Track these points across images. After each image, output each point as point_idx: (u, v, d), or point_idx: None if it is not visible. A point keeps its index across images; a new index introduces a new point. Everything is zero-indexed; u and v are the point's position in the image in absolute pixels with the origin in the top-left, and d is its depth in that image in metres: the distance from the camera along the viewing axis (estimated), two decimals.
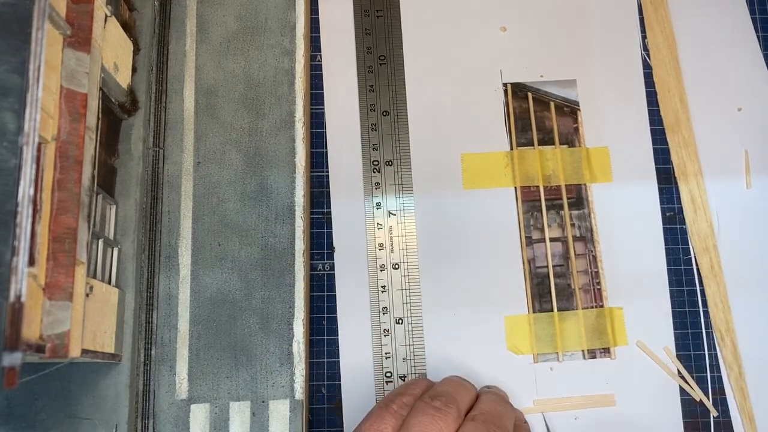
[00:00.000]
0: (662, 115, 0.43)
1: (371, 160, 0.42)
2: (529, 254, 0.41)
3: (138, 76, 0.37)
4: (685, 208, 0.42)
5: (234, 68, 0.39)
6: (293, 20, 0.40)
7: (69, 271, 0.26)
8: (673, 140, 0.43)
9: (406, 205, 0.41)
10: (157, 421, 0.34)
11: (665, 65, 0.44)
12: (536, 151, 0.42)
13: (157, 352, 0.35)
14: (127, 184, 0.35)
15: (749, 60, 0.45)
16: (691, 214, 0.42)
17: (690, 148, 0.43)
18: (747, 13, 0.46)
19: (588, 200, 0.42)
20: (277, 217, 0.37)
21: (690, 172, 0.42)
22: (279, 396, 0.35)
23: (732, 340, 0.40)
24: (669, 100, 0.43)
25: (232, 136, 0.38)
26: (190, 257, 0.36)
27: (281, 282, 0.36)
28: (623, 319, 0.40)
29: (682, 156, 0.43)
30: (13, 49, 0.23)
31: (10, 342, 0.21)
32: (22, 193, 0.22)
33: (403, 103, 0.43)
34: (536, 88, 0.44)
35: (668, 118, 0.43)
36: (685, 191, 0.42)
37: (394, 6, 0.44)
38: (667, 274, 0.41)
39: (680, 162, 0.43)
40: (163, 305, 0.36)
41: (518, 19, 0.45)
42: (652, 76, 0.44)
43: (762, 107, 0.44)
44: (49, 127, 0.26)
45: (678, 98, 0.43)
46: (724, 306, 0.41)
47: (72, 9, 0.28)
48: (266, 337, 0.36)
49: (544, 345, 0.40)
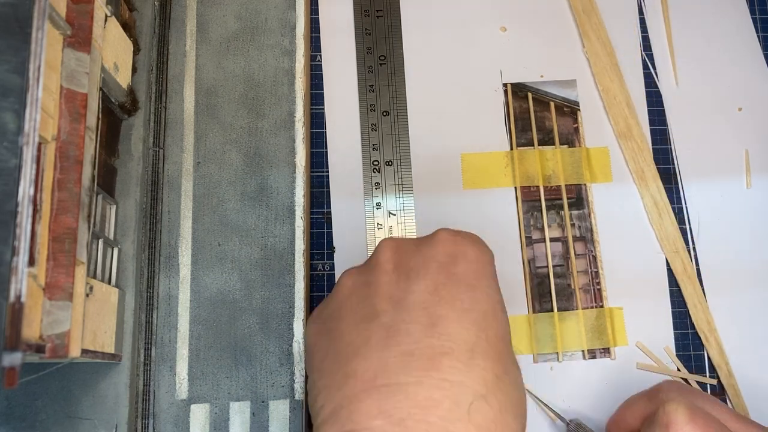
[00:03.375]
0: (612, 124, 0.43)
1: (371, 160, 0.42)
2: (529, 254, 0.41)
3: (138, 76, 0.37)
4: (650, 213, 0.42)
5: (234, 68, 0.39)
6: (293, 20, 0.40)
7: (69, 271, 0.26)
8: (627, 147, 0.42)
9: (406, 205, 0.41)
10: (157, 421, 0.34)
11: (607, 72, 0.43)
12: (536, 151, 0.42)
13: (157, 352, 0.35)
14: (127, 184, 0.35)
15: (749, 60, 0.45)
16: (657, 220, 0.42)
17: (644, 153, 0.42)
18: (747, 13, 0.46)
19: (588, 200, 0.42)
20: (277, 217, 0.37)
21: (649, 177, 0.42)
22: (279, 396, 0.35)
23: (716, 339, 0.40)
24: (616, 107, 0.43)
25: (232, 136, 0.38)
26: (190, 257, 0.36)
27: (281, 282, 0.36)
28: (623, 319, 0.40)
29: (639, 162, 0.42)
30: (13, 49, 0.23)
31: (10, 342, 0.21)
32: (22, 193, 0.22)
33: (403, 103, 0.43)
34: (536, 88, 0.44)
35: (619, 125, 0.43)
36: (647, 196, 0.42)
37: (394, 6, 0.44)
38: (667, 274, 0.41)
39: (638, 168, 0.42)
40: (163, 305, 0.36)
41: (518, 19, 0.45)
42: (652, 76, 0.44)
43: (762, 107, 0.44)
44: (49, 127, 0.26)
45: (625, 104, 0.43)
46: (703, 306, 0.40)
47: (72, 9, 0.28)
48: (266, 337, 0.36)
49: (544, 345, 0.40)
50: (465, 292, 0.27)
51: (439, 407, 0.24)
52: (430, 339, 0.26)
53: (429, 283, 0.27)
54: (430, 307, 0.27)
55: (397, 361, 0.26)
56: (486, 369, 0.26)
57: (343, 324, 0.28)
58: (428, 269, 0.28)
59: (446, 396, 0.25)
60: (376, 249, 0.30)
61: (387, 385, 0.25)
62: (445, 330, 0.26)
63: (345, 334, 0.28)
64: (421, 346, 0.26)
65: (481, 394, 0.25)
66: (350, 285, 0.30)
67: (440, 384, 0.25)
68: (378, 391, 0.25)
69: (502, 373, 0.26)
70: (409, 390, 0.25)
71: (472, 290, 0.28)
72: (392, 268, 0.29)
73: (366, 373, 0.26)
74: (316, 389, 0.28)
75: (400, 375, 0.25)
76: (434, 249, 0.29)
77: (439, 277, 0.28)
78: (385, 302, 0.28)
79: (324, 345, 0.29)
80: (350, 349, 0.27)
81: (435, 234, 0.30)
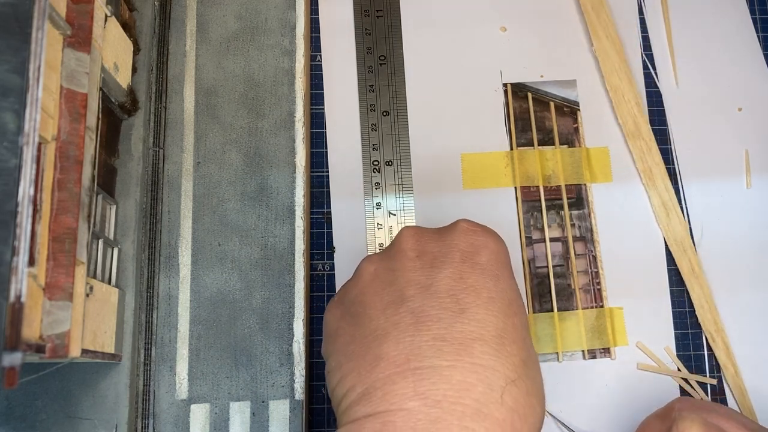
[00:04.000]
0: (621, 123, 0.43)
1: (371, 160, 0.42)
2: (529, 254, 0.41)
3: (138, 76, 0.37)
4: (658, 213, 0.42)
5: (234, 68, 0.39)
6: (293, 20, 0.40)
7: (69, 271, 0.26)
8: (636, 146, 0.42)
9: (406, 205, 0.41)
10: (157, 421, 0.34)
11: (616, 72, 0.43)
12: (536, 151, 0.42)
13: (157, 352, 0.35)
14: (127, 184, 0.35)
15: (749, 60, 0.45)
16: (664, 219, 0.42)
17: (653, 153, 0.42)
18: (747, 13, 0.46)
19: (588, 200, 0.42)
20: (277, 217, 0.37)
21: (657, 176, 0.42)
22: (279, 396, 0.35)
23: (723, 340, 0.40)
24: (625, 105, 0.43)
25: (232, 136, 0.38)
26: (190, 257, 0.36)
27: (281, 282, 0.36)
28: (623, 320, 0.40)
29: (648, 162, 0.42)
30: (13, 49, 0.23)
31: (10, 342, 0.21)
32: (22, 193, 0.22)
33: (403, 103, 0.43)
34: (536, 88, 0.44)
35: (627, 125, 0.43)
36: (655, 196, 0.42)
37: (394, 6, 0.44)
38: (667, 274, 0.41)
39: (646, 168, 0.42)
40: (163, 305, 0.36)
41: (518, 19, 0.45)
42: (652, 76, 0.44)
43: (762, 107, 0.44)
44: (49, 127, 0.26)
45: (634, 103, 0.43)
46: (710, 306, 0.40)
47: (72, 9, 0.28)
48: (266, 337, 0.36)
49: (544, 345, 0.40)
50: (490, 280, 0.28)
51: (474, 390, 0.25)
52: (460, 324, 0.26)
53: (454, 271, 0.28)
54: (457, 294, 0.27)
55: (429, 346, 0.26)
56: (514, 354, 0.26)
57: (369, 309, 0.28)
58: (452, 258, 0.28)
59: (480, 380, 0.25)
60: (396, 237, 0.30)
61: (421, 368, 0.25)
62: (474, 316, 0.27)
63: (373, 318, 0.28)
64: (452, 331, 0.26)
65: (512, 378, 0.26)
66: (372, 271, 0.30)
67: (473, 368, 0.25)
68: (413, 374, 0.25)
69: (527, 358, 0.27)
70: (444, 373, 0.25)
71: (496, 280, 0.28)
72: (416, 255, 0.29)
73: (399, 357, 0.26)
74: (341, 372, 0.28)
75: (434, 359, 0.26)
76: (456, 238, 0.29)
77: (464, 266, 0.28)
78: (412, 288, 0.28)
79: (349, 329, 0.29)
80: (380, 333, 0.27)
81: (456, 224, 0.30)
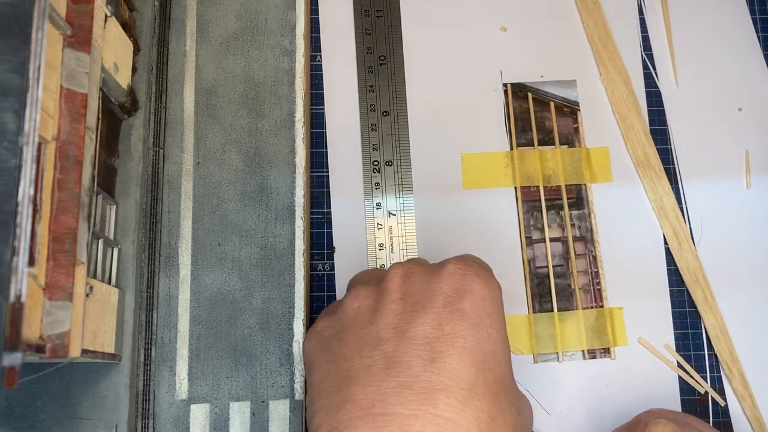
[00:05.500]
0: (630, 152, 0.43)
1: (371, 160, 0.42)
2: (529, 254, 0.41)
3: (138, 76, 0.37)
4: (670, 242, 0.41)
5: (234, 68, 0.39)
6: (293, 20, 0.40)
7: (69, 271, 0.26)
8: (646, 175, 0.42)
9: (406, 206, 0.41)
10: (157, 421, 0.34)
11: (624, 101, 0.43)
12: (536, 151, 0.42)
13: (157, 352, 0.35)
14: (127, 184, 0.35)
15: (749, 60, 0.45)
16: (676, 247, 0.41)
17: (663, 182, 0.42)
18: (747, 13, 0.46)
19: (588, 200, 0.42)
20: (277, 217, 0.37)
21: (668, 206, 0.42)
22: (279, 396, 0.35)
23: (727, 342, 0.40)
24: (634, 134, 0.43)
25: (232, 136, 0.38)
26: (190, 257, 0.36)
27: (281, 282, 0.36)
28: (623, 320, 0.40)
29: (659, 192, 0.42)
30: (13, 49, 0.23)
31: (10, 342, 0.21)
32: (22, 193, 0.22)
33: (403, 103, 0.43)
34: (536, 88, 0.44)
35: (637, 154, 0.42)
36: (666, 226, 0.42)
37: (394, 6, 0.44)
38: (667, 274, 0.41)
39: (657, 198, 0.42)
40: (163, 305, 0.36)
41: (518, 19, 0.45)
42: (652, 76, 0.44)
43: (762, 107, 0.44)
44: (49, 127, 0.26)
45: (642, 132, 0.43)
46: (714, 309, 0.40)
47: (72, 9, 0.28)
48: (266, 337, 0.36)
49: (544, 345, 0.40)
50: (468, 329, 0.28)
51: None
52: (429, 374, 0.26)
53: (433, 317, 0.28)
54: (432, 342, 0.27)
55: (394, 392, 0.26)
56: (481, 410, 0.26)
57: (345, 347, 0.29)
58: (435, 302, 0.28)
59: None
60: (387, 273, 0.30)
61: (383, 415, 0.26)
62: (444, 367, 0.26)
63: (347, 357, 0.28)
64: (419, 380, 0.26)
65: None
66: (356, 308, 0.30)
67: (434, 420, 0.25)
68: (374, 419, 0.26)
69: (497, 414, 0.26)
70: (404, 422, 0.25)
71: (475, 329, 0.28)
72: (400, 297, 0.29)
73: (364, 400, 0.26)
74: (313, 408, 0.28)
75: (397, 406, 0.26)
76: (442, 282, 0.29)
77: (444, 311, 0.28)
78: (390, 331, 0.28)
79: (325, 364, 0.29)
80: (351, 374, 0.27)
81: (445, 264, 0.30)
